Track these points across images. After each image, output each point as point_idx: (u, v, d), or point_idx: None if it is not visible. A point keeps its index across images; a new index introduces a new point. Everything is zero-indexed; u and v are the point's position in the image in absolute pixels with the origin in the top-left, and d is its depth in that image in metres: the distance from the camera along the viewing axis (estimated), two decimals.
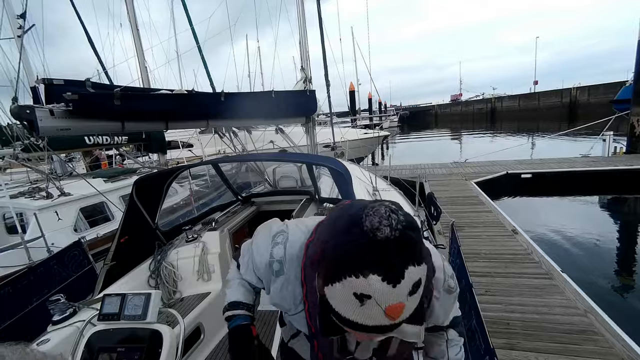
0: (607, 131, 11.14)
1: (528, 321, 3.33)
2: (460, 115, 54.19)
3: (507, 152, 12.44)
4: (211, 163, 4.03)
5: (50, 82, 2.77)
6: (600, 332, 3.06)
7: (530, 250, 4.80)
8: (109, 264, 2.50)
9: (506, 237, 5.36)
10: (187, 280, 2.80)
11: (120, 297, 1.80)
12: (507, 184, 9.67)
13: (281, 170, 4.46)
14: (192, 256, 2.83)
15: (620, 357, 2.78)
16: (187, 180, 7.93)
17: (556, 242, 6.34)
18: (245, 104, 3.79)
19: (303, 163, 3.85)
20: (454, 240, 2.87)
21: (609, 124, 11.25)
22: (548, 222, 7.29)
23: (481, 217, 6.39)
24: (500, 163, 11.03)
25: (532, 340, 3.07)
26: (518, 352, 2.95)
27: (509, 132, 28.49)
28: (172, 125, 3.28)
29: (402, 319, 0.59)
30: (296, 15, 4.84)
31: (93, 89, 3.10)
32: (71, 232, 5.22)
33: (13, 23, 10.21)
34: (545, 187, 9.41)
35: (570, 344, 2.97)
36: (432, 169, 11.32)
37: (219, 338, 2.68)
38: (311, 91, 4.64)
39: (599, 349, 2.89)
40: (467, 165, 11.62)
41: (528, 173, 9.64)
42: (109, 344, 1.66)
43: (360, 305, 0.57)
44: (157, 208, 2.98)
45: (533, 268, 4.33)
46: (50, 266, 3.28)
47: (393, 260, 0.56)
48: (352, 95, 33.22)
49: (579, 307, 3.44)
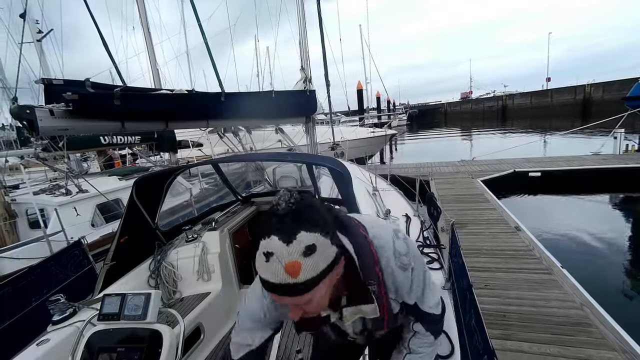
0: (618, 128, 10.91)
1: (524, 313, 3.42)
2: (471, 113, 53.29)
3: (516, 150, 12.20)
4: (211, 163, 4.04)
5: (49, 82, 2.79)
6: (595, 324, 3.13)
7: (532, 246, 4.82)
8: (108, 264, 2.50)
9: (509, 234, 5.37)
10: (187, 280, 2.80)
11: (120, 297, 1.80)
12: (514, 182, 9.57)
13: (281, 170, 4.45)
14: (192, 256, 2.83)
15: (612, 347, 2.85)
16: (197, 178, 8.08)
17: (561, 240, 6.27)
18: (246, 103, 3.80)
19: (303, 163, 3.85)
20: (454, 240, 2.85)
21: (620, 121, 11.01)
22: (555, 220, 7.20)
23: (485, 215, 6.40)
24: (507, 161, 10.90)
25: (527, 331, 3.17)
26: (513, 342, 3.07)
27: (521, 130, 27.91)
28: (172, 125, 3.31)
29: (303, 278, 0.70)
30: (296, 16, 4.85)
31: (93, 89, 3.11)
32: (89, 227, 5.52)
33: (32, 28, 11.10)
34: (554, 186, 9.26)
35: (564, 335, 3.06)
36: (439, 167, 11.27)
37: (219, 338, 2.69)
38: (311, 91, 4.63)
39: (592, 339, 2.97)
40: (474, 163, 11.53)
41: (536, 171, 9.49)
42: (109, 344, 1.66)
43: (266, 261, 0.71)
44: (157, 208, 2.99)
45: (533, 264, 4.38)
46: (50, 266, 3.31)
47: (287, 225, 0.71)
48: (360, 94, 33.05)
49: (576, 301, 3.50)
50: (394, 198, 4.18)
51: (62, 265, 3.42)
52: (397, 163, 14.25)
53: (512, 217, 6.07)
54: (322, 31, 5.01)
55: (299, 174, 4.32)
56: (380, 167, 12.45)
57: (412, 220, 3.41)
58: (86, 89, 3.06)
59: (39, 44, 11.54)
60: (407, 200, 4.26)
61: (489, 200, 7.32)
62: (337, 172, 2.41)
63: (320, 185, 3.84)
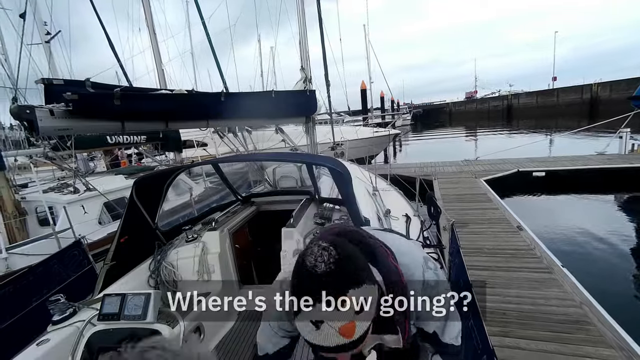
0: (624, 128, 10.78)
1: (524, 311, 3.45)
2: (476, 113, 52.15)
3: (521, 150, 12.12)
4: (211, 163, 4.05)
5: (50, 82, 2.80)
6: (593, 322, 3.16)
7: (533, 245, 4.82)
8: (108, 264, 2.51)
9: (510, 234, 5.37)
10: (187, 280, 2.81)
11: (120, 297, 1.81)
12: (517, 182, 9.50)
13: (281, 170, 4.45)
14: (192, 256, 2.84)
15: (609, 345, 2.88)
16: (201, 177, 8.12)
17: (564, 239, 6.24)
18: (246, 103, 3.81)
19: (303, 163, 3.85)
20: (453, 240, 2.85)
21: (626, 120, 10.89)
22: (558, 220, 7.14)
23: (487, 214, 6.37)
24: (511, 161, 10.83)
25: (526, 328, 3.21)
26: (511, 339, 3.11)
27: (526, 130, 27.71)
28: (172, 125, 3.31)
29: (358, 335, 0.69)
30: (296, 16, 4.85)
31: (93, 89, 3.12)
32: (96, 224, 5.62)
33: (41, 29, 11.55)
34: (558, 185, 9.20)
35: (563, 333, 3.09)
36: (443, 167, 11.22)
37: (219, 338, 2.69)
38: (311, 91, 4.62)
39: (590, 337, 3.00)
40: (477, 163, 11.48)
41: (540, 171, 9.46)
42: (109, 344, 1.66)
43: (316, 329, 0.68)
44: (157, 208, 2.99)
45: (534, 263, 4.39)
46: (50, 266, 3.31)
47: (332, 289, 0.67)
48: (364, 93, 32.97)
49: (575, 300, 3.52)
50: (394, 198, 4.18)
51: (62, 265, 3.43)
52: (401, 163, 14.17)
53: (514, 217, 6.05)
54: (322, 31, 5.02)
55: (299, 174, 4.32)
56: (382, 167, 12.45)
57: (412, 220, 3.41)
58: (86, 89, 3.07)
59: (47, 45, 11.94)
60: (407, 200, 4.26)
61: (492, 199, 7.30)
62: (337, 172, 2.42)
63: (320, 185, 3.83)
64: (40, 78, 3.01)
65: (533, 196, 9.29)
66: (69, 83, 2.93)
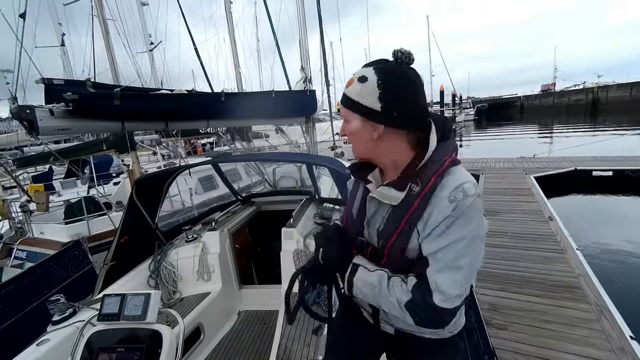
0: None
1: (525, 277, 3.92)
2: (552, 107, 46.64)
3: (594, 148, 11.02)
4: (211, 163, 4.04)
5: (50, 81, 2.79)
6: (581, 287, 3.61)
7: (557, 232, 5.03)
8: (108, 264, 2.49)
9: (540, 223, 5.50)
10: (187, 280, 2.81)
11: (120, 297, 1.77)
12: (574, 180, 8.95)
13: (281, 170, 4.46)
14: (192, 256, 2.84)
15: (587, 302, 3.33)
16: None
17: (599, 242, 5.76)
18: (246, 104, 3.80)
19: (303, 163, 3.84)
20: None
21: None
22: (606, 222, 6.74)
23: (522, 206, 6.41)
24: (571, 159, 10.12)
25: (521, 287, 3.73)
26: (505, 292, 3.66)
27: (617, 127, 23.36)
28: (172, 125, 3.30)
29: (351, 91, 0.89)
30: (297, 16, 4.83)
31: (93, 89, 3.12)
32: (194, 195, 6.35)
33: (146, 40, 15.47)
34: (624, 186, 8.44)
35: (552, 292, 3.57)
36: (494, 163, 10.95)
37: (219, 338, 2.71)
38: (311, 91, 4.61)
39: (574, 296, 3.47)
40: (533, 160, 10.93)
41: (607, 170, 8.74)
42: (109, 344, 1.64)
43: None
44: (157, 208, 2.99)
45: (551, 244, 4.70)
46: (49, 266, 3.31)
47: (368, 65, 0.89)
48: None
49: (575, 272, 3.91)
50: None
51: (62, 265, 3.43)
52: None
53: (549, 209, 6.00)
54: (322, 31, 5.00)
55: (299, 174, 4.31)
56: None
57: None
58: (86, 89, 3.07)
59: (150, 54, 16.00)
60: None
61: (534, 194, 7.14)
62: (337, 172, 2.41)
63: (320, 185, 3.82)
64: (40, 78, 2.99)
65: (592, 196, 8.63)
66: (69, 83, 2.92)
